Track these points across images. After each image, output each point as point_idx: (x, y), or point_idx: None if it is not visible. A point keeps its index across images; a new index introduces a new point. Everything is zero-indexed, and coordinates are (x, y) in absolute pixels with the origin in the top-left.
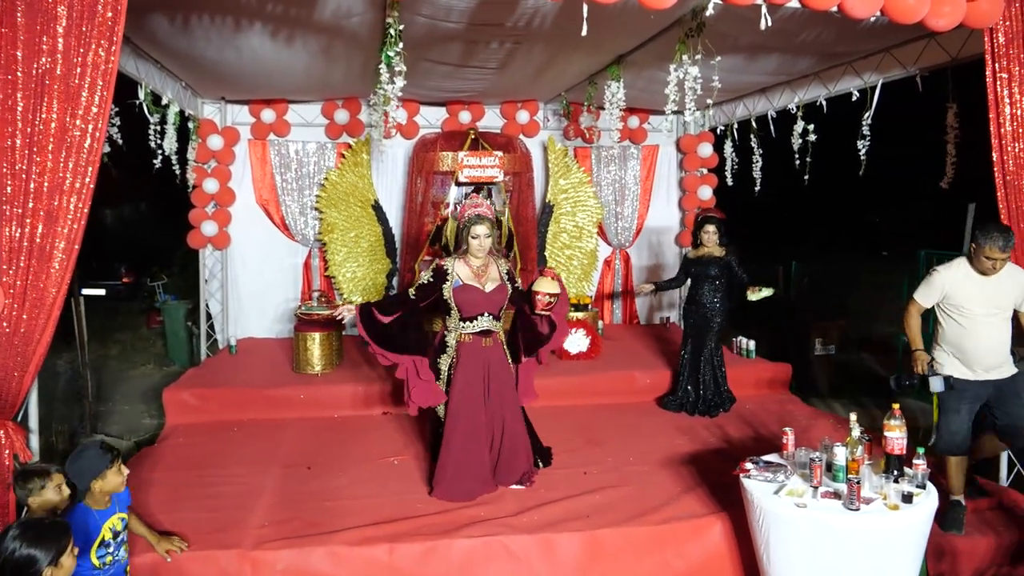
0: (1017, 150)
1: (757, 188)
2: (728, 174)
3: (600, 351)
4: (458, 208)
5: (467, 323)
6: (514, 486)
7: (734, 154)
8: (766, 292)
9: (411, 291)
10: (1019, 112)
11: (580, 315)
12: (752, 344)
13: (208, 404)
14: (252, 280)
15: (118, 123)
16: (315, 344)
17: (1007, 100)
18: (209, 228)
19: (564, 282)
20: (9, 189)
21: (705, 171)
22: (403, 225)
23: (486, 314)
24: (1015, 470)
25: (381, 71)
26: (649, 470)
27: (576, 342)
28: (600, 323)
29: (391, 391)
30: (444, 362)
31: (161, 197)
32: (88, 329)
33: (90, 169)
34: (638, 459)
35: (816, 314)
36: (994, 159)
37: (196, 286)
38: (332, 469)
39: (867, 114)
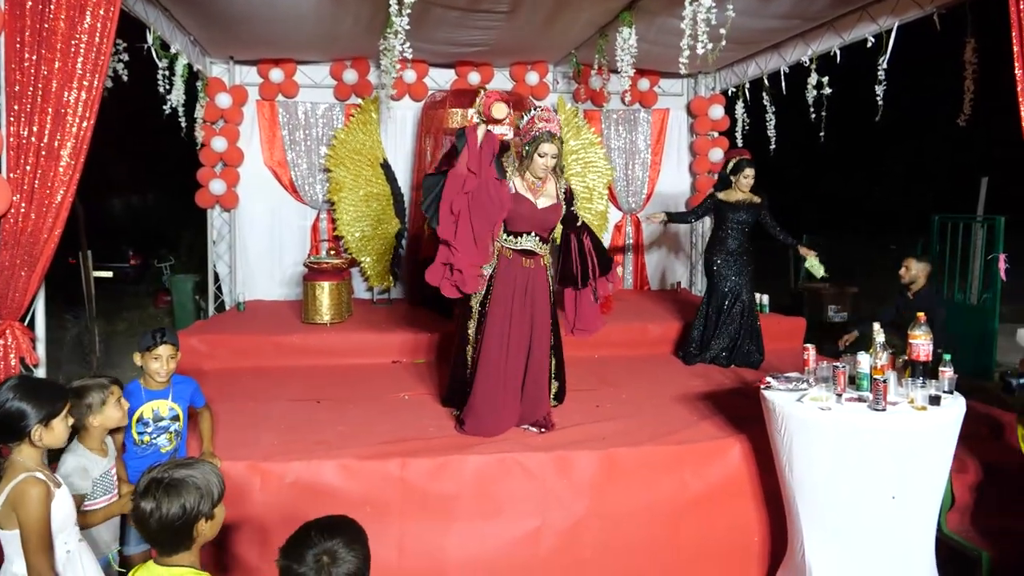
0: None
1: (772, 147)
2: (739, 136)
3: (612, 307)
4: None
5: (511, 237)
6: (530, 428)
7: (746, 115)
8: (820, 268)
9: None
10: None
11: None
12: (766, 298)
13: (217, 350)
14: (260, 242)
15: (125, 59)
16: (324, 293)
17: None
18: (217, 187)
19: None
20: (17, 87)
21: (716, 134)
22: (412, 185)
23: (533, 233)
24: None
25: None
26: (664, 404)
27: None
28: (610, 285)
29: (400, 341)
30: (485, 271)
31: (169, 183)
32: (96, 308)
33: (99, 64)
34: (652, 396)
35: (830, 280)
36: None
37: (203, 268)
38: (342, 403)
39: (883, 58)
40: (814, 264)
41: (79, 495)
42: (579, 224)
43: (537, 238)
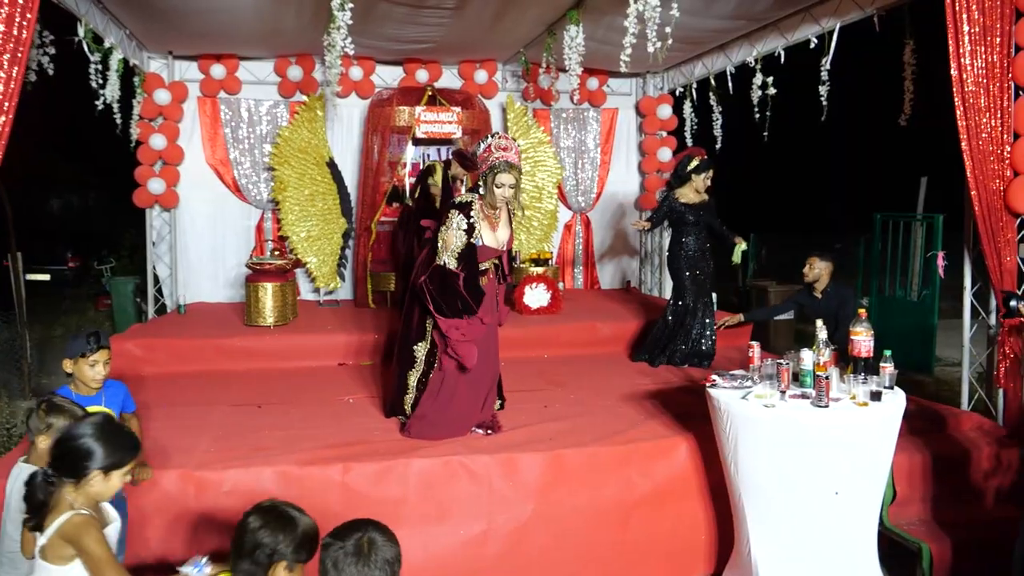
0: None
1: (718, 146)
2: (688, 135)
3: (561, 307)
4: (426, 160)
5: None
6: (477, 430)
7: (693, 115)
8: (739, 255)
9: (448, 262)
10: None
11: (540, 270)
12: (714, 296)
13: (154, 354)
14: (202, 242)
15: (52, 52)
16: (267, 295)
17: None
18: (156, 186)
19: (524, 243)
20: None
21: (664, 133)
22: (359, 184)
23: (489, 259)
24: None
25: None
26: (612, 404)
27: (537, 297)
28: (561, 284)
29: (345, 343)
30: None
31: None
32: (32, 313)
33: (19, 55)
34: (600, 396)
35: (775, 278)
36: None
37: (145, 270)
38: (284, 408)
39: (826, 59)
40: (738, 251)
41: None
42: None
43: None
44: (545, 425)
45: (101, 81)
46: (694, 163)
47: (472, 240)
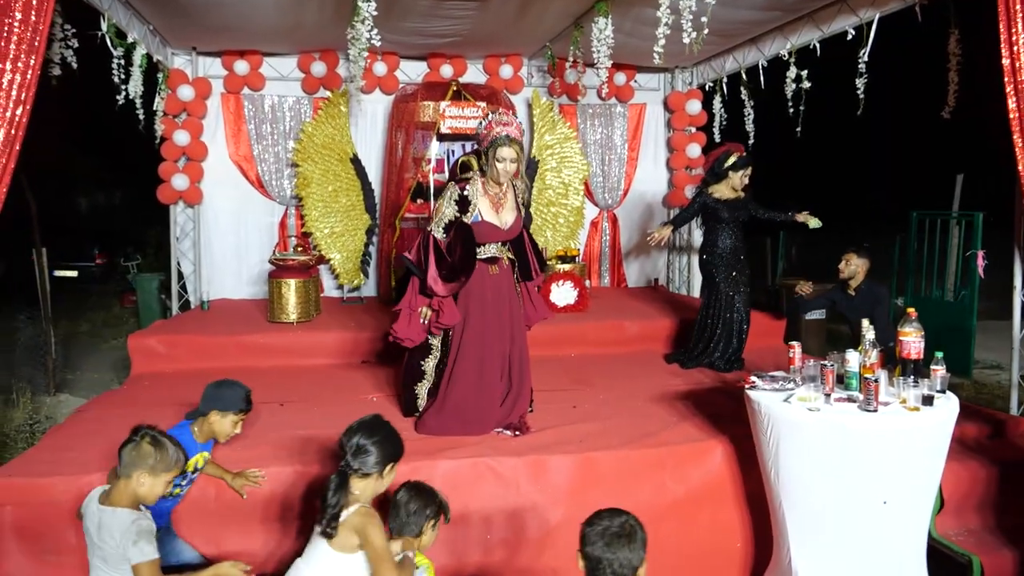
0: None
1: (750, 142)
2: (717, 131)
3: (588, 304)
4: (451, 156)
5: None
6: (504, 431)
7: (723, 110)
8: (816, 221)
9: (435, 232)
10: None
11: (567, 267)
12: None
13: (176, 351)
14: (226, 239)
15: (75, 46)
16: (290, 291)
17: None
18: (180, 182)
19: (550, 240)
20: None
21: (693, 129)
22: (383, 181)
23: (497, 242)
24: None
25: None
26: (642, 404)
27: (563, 294)
28: (587, 282)
29: (370, 339)
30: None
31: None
32: (58, 309)
33: (36, 45)
34: (630, 396)
35: (806, 276)
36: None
37: (170, 266)
38: (307, 405)
39: (863, 51)
40: (812, 220)
41: (155, 559)
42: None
43: (500, 244)
44: (574, 426)
45: (123, 76)
46: (732, 159)
47: (466, 216)
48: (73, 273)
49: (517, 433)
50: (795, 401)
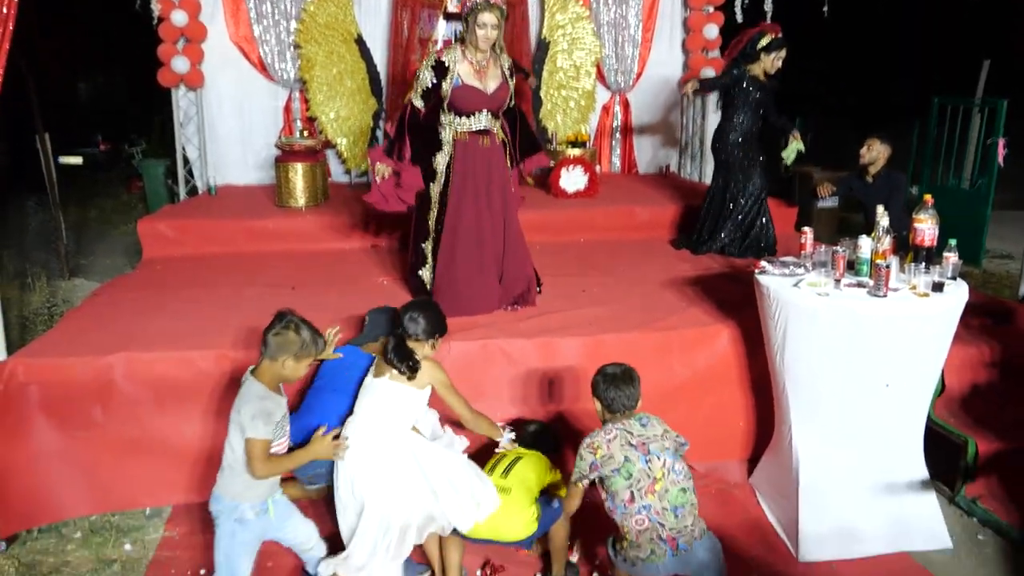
0: None
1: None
2: (738, 10)
3: (598, 190)
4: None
5: (464, 119)
6: (510, 307)
7: None
8: (792, 155)
9: (415, 100)
10: None
11: (577, 152)
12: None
13: (186, 236)
14: (229, 123)
15: None
16: (298, 176)
17: None
18: (180, 65)
19: (560, 124)
20: None
21: (712, 9)
22: (388, 62)
23: (485, 111)
24: None
25: None
26: (651, 290)
27: (573, 180)
28: (597, 167)
29: (377, 225)
30: (441, 160)
31: (137, 64)
32: (67, 196)
33: None
34: (639, 281)
35: (821, 163)
36: None
37: (176, 152)
38: (318, 289)
39: None
40: (793, 147)
41: (264, 440)
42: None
43: (490, 115)
44: (584, 310)
45: None
46: (765, 40)
47: (445, 81)
48: (78, 160)
49: (516, 306)
50: (805, 286)
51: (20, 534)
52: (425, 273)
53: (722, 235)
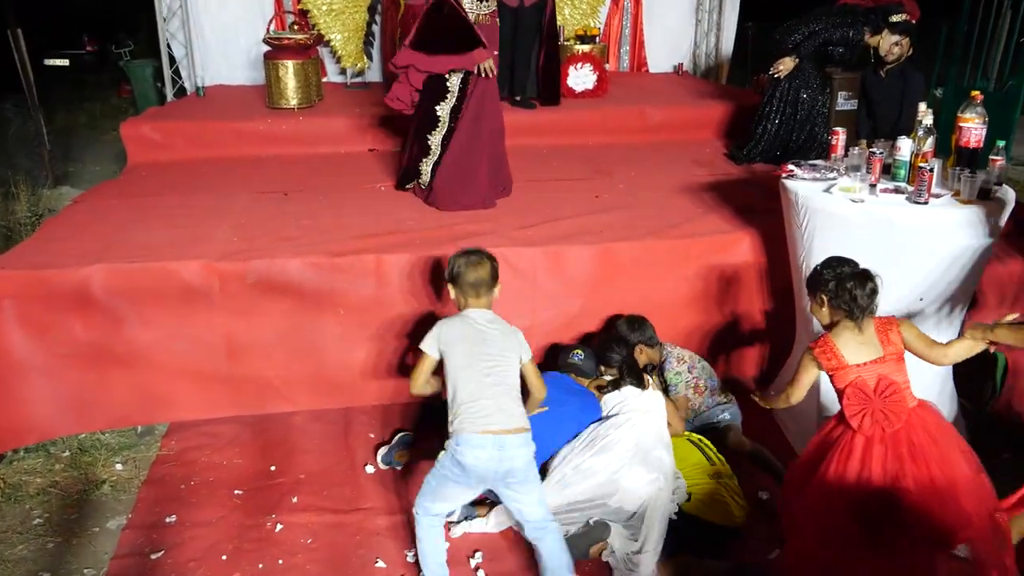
0: None
1: None
2: None
3: (608, 89)
4: None
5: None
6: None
7: None
8: None
9: None
10: None
11: (586, 48)
12: None
13: (173, 139)
14: (216, 16)
15: None
16: (288, 74)
17: None
18: None
19: (568, 18)
20: None
21: None
22: None
23: None
24: None
25: None
26: (665, 195)
27: (581, 78)
28: (606, 65)
29: (377, 126)
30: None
31: None
32: (54, 100)
33: None
34: (653, 187)
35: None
36: None
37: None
38: (312, 195)
39: None
40: None
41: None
42: None
43: None
44: (594, 216)
45: None
46: (898, 17)
47: None
48: (64, 62)
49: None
50: (837, 191)
51: (6, 454)
52: (426, 165)
53: (774, 145)
